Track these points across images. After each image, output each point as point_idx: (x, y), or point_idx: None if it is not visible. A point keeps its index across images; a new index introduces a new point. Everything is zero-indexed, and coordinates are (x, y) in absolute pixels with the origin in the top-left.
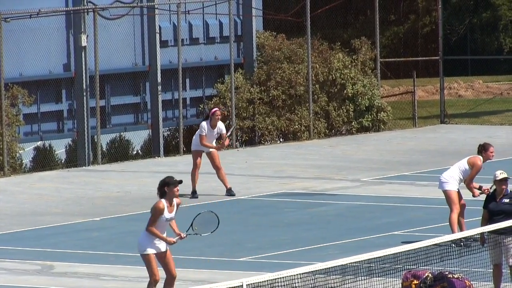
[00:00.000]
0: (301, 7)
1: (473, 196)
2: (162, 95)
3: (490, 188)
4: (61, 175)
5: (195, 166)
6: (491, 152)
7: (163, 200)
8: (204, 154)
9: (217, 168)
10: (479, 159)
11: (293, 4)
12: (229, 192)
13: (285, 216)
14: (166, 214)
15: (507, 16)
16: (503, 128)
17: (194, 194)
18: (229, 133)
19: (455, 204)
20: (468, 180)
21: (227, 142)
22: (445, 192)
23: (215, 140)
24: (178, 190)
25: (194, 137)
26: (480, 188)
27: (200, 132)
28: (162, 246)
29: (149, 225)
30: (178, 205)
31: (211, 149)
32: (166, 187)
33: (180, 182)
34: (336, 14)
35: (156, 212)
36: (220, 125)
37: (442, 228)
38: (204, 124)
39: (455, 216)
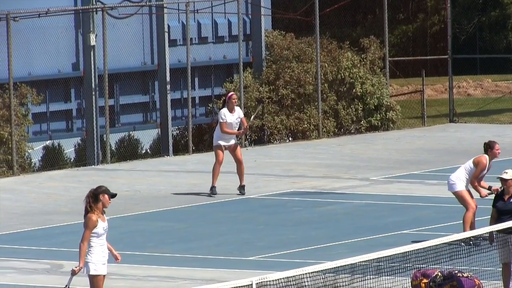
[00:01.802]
0: (309, 6)
1: (481, 196)
2: (171, 94)
3: (500, 188)
4: (70, 174)
5: (217, 162)
6: (497, 150)
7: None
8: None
9: (238, 162)
10: (484, 158)
11: (302, 3)
12: (241, 190)
13: (294, 215)
14: (101, 224)
15: None
16: None
17: (213, 190)
18: (255, 114)
19: (469, 203)
20: (472, 178)
21: (246, 124)
22: (455, 194)
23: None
24: (110, 202)
25: (215, 132)
26: (489, 188)
27: (219, 119)
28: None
29: (83, 239)
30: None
31: (232, 141)
32: (101, 195)
33: (114, 195)
34: (345, 13)
35: (90, 224)
36: (238, 110)
37: (451, 227)
38: (223, 110)
39: (470, 214)
